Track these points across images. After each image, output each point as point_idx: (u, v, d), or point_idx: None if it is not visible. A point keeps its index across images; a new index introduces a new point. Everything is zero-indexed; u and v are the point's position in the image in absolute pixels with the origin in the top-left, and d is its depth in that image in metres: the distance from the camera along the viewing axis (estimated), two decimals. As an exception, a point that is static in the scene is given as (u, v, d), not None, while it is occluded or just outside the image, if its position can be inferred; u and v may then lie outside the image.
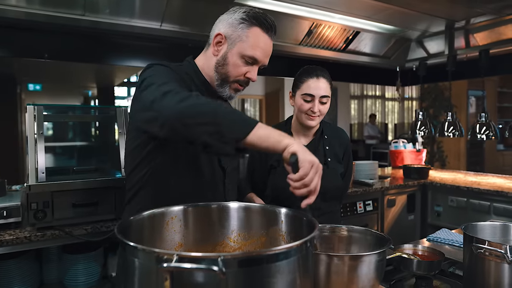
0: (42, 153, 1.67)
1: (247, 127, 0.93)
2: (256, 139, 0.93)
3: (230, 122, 0.94)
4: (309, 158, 0.91)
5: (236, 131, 0.93)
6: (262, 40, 1.20)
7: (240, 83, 1.25)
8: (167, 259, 0.62)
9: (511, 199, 2.78)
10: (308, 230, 0.84)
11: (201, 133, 0.94)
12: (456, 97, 6.97)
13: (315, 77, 1.65)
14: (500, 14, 2.83)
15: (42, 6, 2.15)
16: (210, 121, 0.93)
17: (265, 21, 1.20)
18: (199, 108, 0.95)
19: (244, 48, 1.19)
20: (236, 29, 1.20)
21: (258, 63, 1.23)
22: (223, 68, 1.22)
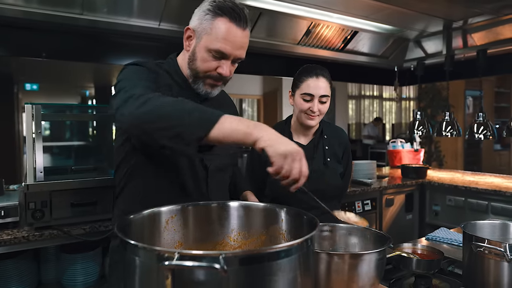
0: (40, 153, 1.66)
1: (207, 125, 0.89)
2: (220, 135, 0.89)
3: (189, 122, 0.90)
4: (280, 150, 0.88)
5: (196, 131, 0.89)
6: (229, 32, 1.10)
7: (213, 78, 1.17)
8: (168, 257, 0.62)
9: (509, 198, 2.79)
10: (308, 229, 0.84)
11: (160, 137, 0.92)
12: (454, 97, 7.00)
13: (314, 76, 1.64)
14: (498, 14, 2.84)
15: (40, 5, 2.14)
16: (168, 125, 0.91)
17: (231, 10, 1.11)
18: (157, 112, 0.92)
19: (209, 41, 1.11)
20: (202, 22, 1.13)
21: (227, 57, 1.14)
22: (193, 64, 1.16)
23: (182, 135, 0.90)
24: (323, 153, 1.74)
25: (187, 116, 0.91)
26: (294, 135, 1.78)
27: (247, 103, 9.55)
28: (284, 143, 0.89)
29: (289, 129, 1.79)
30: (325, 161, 1.73)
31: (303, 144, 1.76)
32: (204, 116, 0.91)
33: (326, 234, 1.19)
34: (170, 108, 0.93)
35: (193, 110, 0.93)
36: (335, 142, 1.79)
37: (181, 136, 0.90)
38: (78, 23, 2.28)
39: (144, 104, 0.94)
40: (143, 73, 1.13)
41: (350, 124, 9.53)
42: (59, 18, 2.22)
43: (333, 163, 1.75)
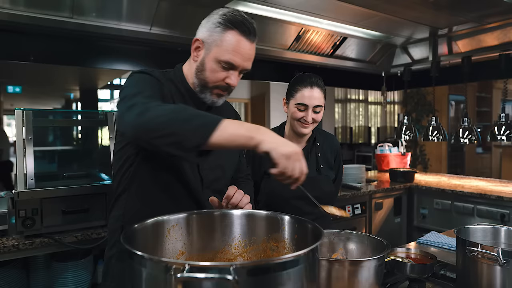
0: (31, 159, 1.63)
1: (206, 132, 0.90)
2: (221, 140, 0.91)
3: (188, 130, 0.91)
4: (283, 151, 0.90)
5: (195, 138, 0.90)
6: (239, 44, 1.14)
7: (221, 88, 1.21)
8: (177, 268, 0.62)
9: (493, 201, 2.87)
10: (311, 237, 0.85)
11: (162, 145, 0.93)
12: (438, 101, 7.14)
13: (309, 86, 1.65)
14: (481, 23, 2.93)
15: (28, 8, 2.11)
16: (168, 133, 0.91)
17: (242, 24, 1.14)
18: (157, 120, 0.93)
19: (219, 52, 1.15)
20: (212, 34, 1.16)
21: (236, 68, 1.17)
22: (202, 74, 1.19)
23: (182, 143, 0.91)
24: (316, 160, 1.77)
25: (186, 123, 0.92)
26: None
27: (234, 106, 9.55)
28: (286, 145, 0.92)
29: (282, 135, 1.80)
30: (318, 167, 1.75)
31: None
32: (204, 123, 0.92)
33: (325, 240, 1.20)
34: (170, 115, 0.94)
35: (193, 117, 0.93)
36: (327, 149, 1.82)
37: (181, 144, 0.91)
38: (67, 27, 2.25)
39: (144, 112, 0.95)
40: (148, 82, 1.14)
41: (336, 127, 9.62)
42: (48, 21, 2.18)
43: (326, 169, 1.77)
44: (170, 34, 2.56)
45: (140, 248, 0.70)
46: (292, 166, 0.91)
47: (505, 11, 2.66)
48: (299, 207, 1.70)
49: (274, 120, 7.25)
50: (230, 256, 0.99)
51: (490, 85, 8.01)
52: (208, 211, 0.99)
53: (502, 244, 1.27)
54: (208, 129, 0.90)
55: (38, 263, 1.86)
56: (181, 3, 2.40)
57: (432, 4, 2.51)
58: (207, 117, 0.94)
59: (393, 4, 2.53)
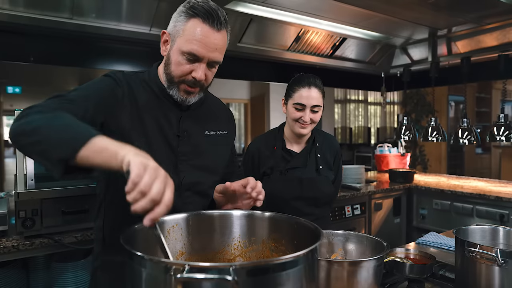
0: (31, 160, 1.63)
1: (73, 145, 0.80)
2: (87, 155, 0.80)
3: (56, 140, 0.82)
4: (143, 161, 0.73)
5: (60, 151, 0.81)
6: (202, 33, 1.05)
7: (187, 83, 1.11)
8: (176, 269, 0.62)
9: (492, 202, 2.88)
10: (310, 237, 0.85)
11: (31, 152, 0.88)
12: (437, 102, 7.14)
13: (307, 86, 1.66)
14: (480, 23, 2.93)
15: (28, 9, 2.11)
16: (35, 140, 0.84)
17: (204, 10, 1.05)
18: (30, 126, 0.86)
19: (182, 43, 1.06)
20: (176, 24, 1.09)
21: (201, 60, 1.08)
22: (168, 68, 1.12)
23: (48, 153, 0.83)
24: (316, 161, 1.77)
25: (56, 133, 0.84)
26: (287, 143, 1.79)
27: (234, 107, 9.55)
28: (149, 160, 0.75)
29: (281, 137, 1.81)
30: (317, 168, 1.76)
31: (296, 152, 1.78)
32: (74, 136, 0.82)
33: (324, 241, 1.20)
34: (43, 122, 0.86)
35: (66, 127, 0.85)
36: (327, 149, 1.82)
37: (47, 154, 0.83)
38: (67, 28, 2.26)
39: (23, 116, 0.90)
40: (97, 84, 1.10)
41: (336, 128, 9.63)
42: (47, 22, 2.19)
43: (325, 170, 1.78)
44: (170, 35, 2.56)
45: (140, 248, 0.70)
46: (148, 179, 0.70)
47: (504, 12, 2.67)
48: (299, 208, 1.70)
49: (273, 120, 7.25)
50: (229, 257, 1.00)
51: (490, 85, 8.02)
52: (208, 211, 0.99)
53: (500, 244, 1.27)
54: (76, 143, 0.80)
55: (38, 263, 1.86)
56: (180, 3, 2.40)
57: (432, 5, 2.51)
58: (80, 130, 0.84)
59: (393, 5, 2.53)
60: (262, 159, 1.76)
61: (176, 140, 1.17)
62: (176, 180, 1.15)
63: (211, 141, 1.26)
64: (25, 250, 1.64)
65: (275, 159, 1.74)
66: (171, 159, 1.16)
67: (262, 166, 1.75)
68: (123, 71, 1.18)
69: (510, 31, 2.94)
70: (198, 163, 1.20)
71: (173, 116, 1.18)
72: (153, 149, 1.12)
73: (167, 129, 1.16)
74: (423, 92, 7.07)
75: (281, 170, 1.72)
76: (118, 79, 1.13)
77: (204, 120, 1.25)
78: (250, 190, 1.06)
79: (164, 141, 1.16)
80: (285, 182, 1.70)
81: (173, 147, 1.17)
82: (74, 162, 0.81)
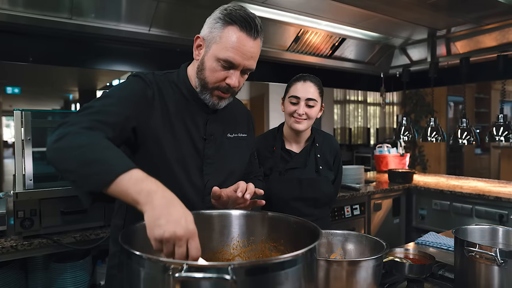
0: (29, 160, 1.63)
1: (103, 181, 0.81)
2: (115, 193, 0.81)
3: (86, 174, 0.83)
4: (155, 235, 0.73)
5: (91, 185, 0.83)
6: (239, 41, 1.05)
7: (221, 90, 1.12)
8: (175, 268, 0.62)
9: (492, 202, 2.88)
10: (309, 237, 0.85)
11: (66, 178, 0.89)
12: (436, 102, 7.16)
13: (302, 80, 1.68)
14: (479, 24, 2.94)
15: (27, 9, 2.11)
16: (70, 169, 0.86)
17: (242, 18, 1.06)
18: (64, 153, 0.87)
19: (218, 50, 1.07)
20: (212, 30, 1.09)
21: (236, 67, 1.09)
22: (202, 74, 1.12)
23: (78, 184, 0.85)
24: (315, 161, 1.76)
25: (86, 167, 0.84)
26: (286, 143, 1.79)
27: (233, 107, 9.54)
28: (161, 226, 0.73)
29: (281, 136, 1.80)
30: (317, 169, 1.75)
31: (296, 152, 1.77)
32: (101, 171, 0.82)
33: (323, 241, 1.20)
34: (76, 152, 0.86)
35: (96, 160, 0.84)
36: (327, 150, 1.81)
37: (78, 185, 0.85)
38: (66, 28, 2.26)
39: (60, 139, 0.90)
40: (128, 87, 1.10)
41: (335, 128, 9.63)
42: (47, 22, 2.19)
43: (325, 170, 1.77)
44: (169, 35, 2.57)
45: (139, 248, 0.70)
46: (168, 251, 0.73)
47: (503, 12, 2.68)
48: (298, 209, 1.70)
49: (273, 120, 7.25)
50: (228, 256, 1.00)
51: (489, 86, 8.03)
52: (208, 211, 0.99)
53: (500, 244, 1.27)
54: (105, 179, 0.81)
55: (37, 264, 1.85)
56: (180, 4, 2.40)
57: (431, 6, 2.51)
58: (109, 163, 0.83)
59: (392, 6, 2.53)
60: (261, 160, 1.75)
61: (203, 143, 1.18)
62: (200, 183, 1.16)
63: (233, 144, 1.26)
64: (24, 251, 1.63)
65: (274, 159, 1.73)
66: (197, 162, 1.16)
67: (261, 166, 1.74)
68: (153, 72, 1.17)
69: (509, 32, 2.94)
70: (222, 166, 1.21)
71: (200, 119, 1.18)
72: (181, 152, 1.13)
73: (194, 132, 1.17)
74: (422, 93, 7.08)
75: (280, 171, 1.71)
76: (148, 80, 1.13)
77: (227, 123, 1.26)
78: (240, 194, 1.06)
79: (191, 144, 1.16)
80: (284, 183, 1.70)
81: (199, 150, 1.17)
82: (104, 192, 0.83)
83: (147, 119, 1.09)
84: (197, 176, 1.16)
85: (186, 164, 1.14)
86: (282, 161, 1.74)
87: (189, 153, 1.15)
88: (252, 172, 1.42)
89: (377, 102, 9.97)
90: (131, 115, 1.05)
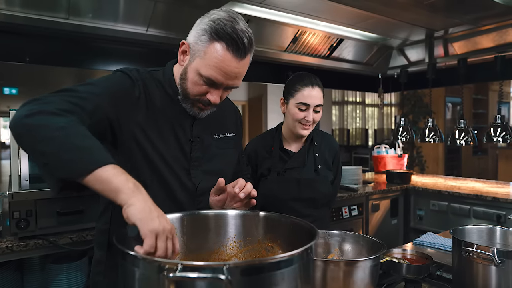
0: (25, 160, 1.62)
1: (78, 172, 0.79)
2: (88, 180, 0.79)
3: (64, 160, 0.80)
4: (153, 227, 0.74)
5: (63, 172, 0.80)
6: (223, 60, 1.00)
7: (203, 103, 1.08)
8: (170, 268, 0.62)
9: (489, 202, 2.88)
10: (306, 237, 0.84)
11: (35, 158, 0.85)
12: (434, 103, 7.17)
13: (310, 86, 1.63)
14: (476, 25, 2.94)
15: (24, 9, 2.10)
16: (44, 151, 0.81)
17: (229, 36, 0.99)
18: (41, 132, 0.82)
19: (201, 65, 1.02)
20: (197, 42, 1.03)
21: (218, 86, 1.05)
22: (184, 83, 1.08)
23: (51, 168, 0.81)
24: (314, 160, 1.75)
25: (65, 152, 0.80)
26: (284, 143, 1.78)
27: (231, 108, 9.53)
28: (156, 219, 0.75)
29: (279, 136, 1.79)
30: (316, 168, 1.74)
31: (294, 152, 1.76)
32: (82, 160, 0.80)
33: (320, 241, 1.19)
34: (57, 133, 0.82)
35: (77, 148, 0.81)
36: (325, 149, 1.80)
37: (50, 168, 0.82)
38: (63, 28, 2.25)
39: (36, 114, 0.84)
40: (114, 80, 1.06)
41: (333, 129, 9.64)
42: (44, 22, 2.18)
43: (324, 170, 1.76)
44: (166, 35, 2.56)
45: (133, 248, 0.70)
46: (162, 245, 0.74)
47: (500, 13, 2.68)
48: (297, 209, 1.69)
49: (271, 121, 7.25)
50: (225, 257, 0.99)
51: (486, 87, 8.05)
52: (204, 211, 0.98)
53: (497, 244, 1.27)
54: (81, 171, 0.79)
55: (33, 265, 1.84)
56: (177, 5, 2.40)
57: (428, 7, 2.52)
58: (90, 152, 0.81)
59: (390, 6, 2.53)
60: (259, 160, 1.75)
61: (189, 146, 1.15)
62: (191, 185, 1.14)
63: (220, 145, 1.24)
64: (19, 252, 1.62)
65: (273, 159, 1.72)
66: (184, 164, 1.14)
67: (259, 168, 1.73)
68: (138, 69, 1.13)
69: (507, 33, 2.95)
70: (209, 168, 1.18)
71: (186, 121, 1.15)
72: (169, 154, 1.10)
73: (181, 134, 1.14)
74: (420, 94, 7.09)
75: (278, 171, 1.70)
76: (134, 78, 1.09)
77: (214, 124, 1.23)
78: (238, 190, 1.04)
79: (178, 147, 1.13)
80: (282, 183, 1.69)
81: (186, 153, 1.14)
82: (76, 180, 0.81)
83: (132, 115, 1.06)
84: (186, 178, 1.14)
85: (174, 166, 1.12)
86: (280, 161, 1.73)
87: (177, 155, 1.13)
88: (241, 171, 1.40)
89: (375, 103, 9.99)
90: (112, 109, 1.01)
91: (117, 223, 1.10)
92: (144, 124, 1.07)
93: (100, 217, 1.19)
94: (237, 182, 1.08)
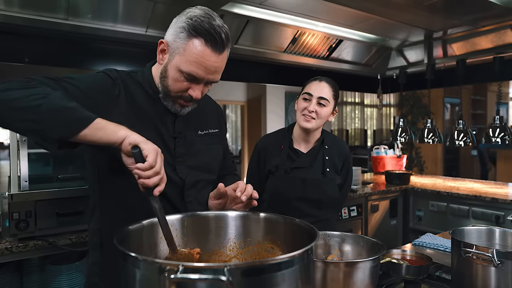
0: (25, 161, 1.61)
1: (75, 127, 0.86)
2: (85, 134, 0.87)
3: (56, 121, 0.86)
4: (153, 146, 0.89)
5: (61, 131, 0.86)
6: (202, 56, 1.03)
7: (184, 99, 1.11)
8: (171, 269, 0.62)
9: (488, 203, 2.89)
10: (306, 238, 0.84)
11: (22, 128, 0.90)
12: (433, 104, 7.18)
13: (318, 80, 1.70)
14: (475, 26, 2.95)
15: (23, 9, 2.10)
16: (31, 118, 0.85)
17: (207, 32, 1.02)
18: (25, 102, 0.86)
19: (181, 62, 1.04)
20: (176, 39, 1.05)
21: (199, 81, 1.07)
22: (165, 81, 1.09)
23: (46, 133, 0.86)
24: (323, 162, 1.75)
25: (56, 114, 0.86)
26: (294, 142, 1.79)
27: (230, 109, 9.53)
28: (151, 142, 0.90)
29: (290, 136, 1.80)
30: (323, 170, 1.73)
31: (303, 152, 1.77)
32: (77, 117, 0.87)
33: (320, 242, 1.20)
34: (41, 100, 0.86)
35: (65, 109, 0.87)
36: (335, 153, 1.80)
37: (44, 133, 0.87)
38: (62, 28, 2.24)
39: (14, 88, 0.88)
40: (94, 79, 1.08)
41: (332, 130, 9.66)
42: (43, 23, 2.17)
43: (332, 173, 1.75)
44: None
45: (134, 249, 0.70)
46: (160, 162, 0.89)
47: (499, 14, 2.69)
48: (301, 209, 1.69)
49: (270, 122, 7.25)
50: (225, 258, 0.99)
51: (485, 87, 8.06)
52: (204, 212, 0.99)
53: (496, 245, 1.27)
54: (78, 125, 0.87)
55: (32, 266, 1.84)
56: (177, 5, 2.40)
57: (427, 7, 2.52)
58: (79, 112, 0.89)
59: (389, 7, 2.54)
60: (268, 157, 1.76)
61: (173, 142, 1.17)
62: (178, 180, 1.16)
63: (204, 141, 1.25)
64: (19, 252, 1.62)
65: (281, 157, 1.73)
66: (169, 161, 1.15)
67: (268, 164, 1.74)
68: (116, 69, 1.14)
69: (505, 34, 2.95)
70: (193, 164, 1.20)
71: (168, 118, 1.17)
72: None
73: (164, 130, 1.16)
74: (419, 94, 7.10)
75: (286, 169, 1.71)
76: (113, 77, 1.11)
77: (196, 120, 1.25)
78: (239, 194, 1.07)
79: (162, 143, 1.13)
80: (288, 181, 1.69)
81: (170, 149, 1.16)
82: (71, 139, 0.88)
83: (111, 114, 1.03)
84: (173, 173, 1.15)
85: None
86: (288, 159, 1.74)
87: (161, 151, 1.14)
88: (227, 167, 1.40)
89: (374, 103, 10.00)
90: (92, 103, 1.01)
91: (107, 222, 1.13)
92: (125, 122, 1.05)
93: (91, 217, 1.19)
94: (237, 185, 1.10)
